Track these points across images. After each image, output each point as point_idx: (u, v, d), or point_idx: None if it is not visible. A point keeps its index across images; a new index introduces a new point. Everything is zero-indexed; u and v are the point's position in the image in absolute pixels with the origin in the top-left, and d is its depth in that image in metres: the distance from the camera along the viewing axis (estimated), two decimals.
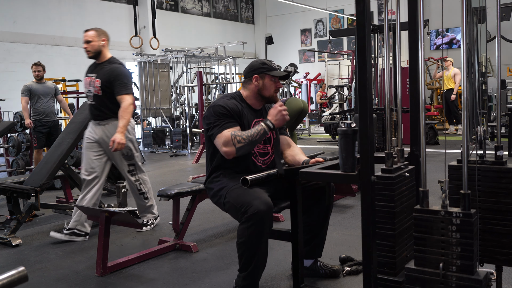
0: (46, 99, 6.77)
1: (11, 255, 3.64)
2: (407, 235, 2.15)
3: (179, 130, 10.41)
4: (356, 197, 4.73)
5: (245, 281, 2.50)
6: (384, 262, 2.06)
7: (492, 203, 2.04)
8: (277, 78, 2.78)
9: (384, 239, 2.05)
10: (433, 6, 14.63)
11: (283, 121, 2.66)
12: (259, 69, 2.78)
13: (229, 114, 2.65)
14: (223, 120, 2.63)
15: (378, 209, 2.04)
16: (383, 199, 2.04)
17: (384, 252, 2.05)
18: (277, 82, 2.79)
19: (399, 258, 2.08)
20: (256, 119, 2.79)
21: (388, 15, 2.19)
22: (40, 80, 6.82)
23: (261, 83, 2.77)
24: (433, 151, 7.83)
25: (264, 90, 2.77)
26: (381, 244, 2.05)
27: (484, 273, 1.78)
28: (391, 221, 2.03)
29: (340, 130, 2.17)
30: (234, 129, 2.61)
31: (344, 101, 11.44)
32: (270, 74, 2.75)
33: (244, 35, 18.44)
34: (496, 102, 2.54)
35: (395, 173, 2.06)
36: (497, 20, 2.17)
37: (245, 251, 2.45)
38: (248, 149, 2.61)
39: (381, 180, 2.04)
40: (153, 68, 11.23)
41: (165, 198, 3.46)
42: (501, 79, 10.29)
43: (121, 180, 4.17)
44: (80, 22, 12.85)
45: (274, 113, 2.65)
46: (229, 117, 2.65)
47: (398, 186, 2.06)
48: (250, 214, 2.40)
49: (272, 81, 2.77)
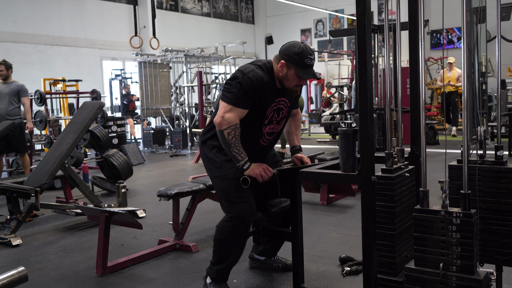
0: (5, 100, 6.18)
1: (11, 255, 3.64)
2: (407, 235, 2.15)
3: (179, 130, 10.41)
4: (356, 197, 4.73)
5: (218, 275, 2.64)
6: (384, 262, 2.06)
7: (492, 203, 2.04)
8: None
9: (384, 239, 2.05)
10: (433, 6, 14.62)
11: (257, 179, 2.47)
12: (290, 57, 2.48)
13: (251, 93, 2.46)
14: (243, 96, 2.46)
15: (378, 209, 2.04)
16: (383, 199, 2.04)
17: (384, 252, 2.05)
18: (302, 80, 2.54)
19: (399, 258, 2.08)
20: (278, 98, 2.61)
21: (388, 15, 2.19)
22: (5, 80, 6.31)
23: (285, 72, 2.52)
24: (433, 151, 7.83)
25: (285, 81, 2.54)
26: (381, 244, 2.05)
27: (484, 273, 1.78)
28: (391, 221, 2.04)
29: (340, 130, 2.17)
30: (241, 115, 2.48)
31: (344, 101, 11.43)
32: (297, 71, 2.49)
33: (244, 35, 18.44)
34: (496, 102, 2.54)
35: (395, 173, 2.06)
36: (497, 20, 2.17)
37: (222, 247, 2.58)
38: (223, 143, 2.50)
39: (381, 180, 2.04)
40: (153, 68, 11.22)
41: (165, 198, 3.46)
42: (501, 79, 10.27)
43: (121, 180, 4.17)
44: (80, 22, 12.86)
45: (258, 169, 2.47)
46: (249, 97, 2.47)
47: (398, 186, 2.06)
48: (233, 215, 2.50)
49: (296, 75, 2.51)
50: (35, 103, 7.14)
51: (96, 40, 13.26)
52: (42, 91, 7.30)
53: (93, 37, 13.20)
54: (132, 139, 11.73)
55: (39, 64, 11.67)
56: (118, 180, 5.07)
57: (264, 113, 2.58)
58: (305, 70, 2.50)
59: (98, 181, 5.78)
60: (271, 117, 2.62)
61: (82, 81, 10.48)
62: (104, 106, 6.37)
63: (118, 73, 12.65)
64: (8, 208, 4.15)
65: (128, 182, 5.91)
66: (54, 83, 10.12)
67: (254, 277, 2.96)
